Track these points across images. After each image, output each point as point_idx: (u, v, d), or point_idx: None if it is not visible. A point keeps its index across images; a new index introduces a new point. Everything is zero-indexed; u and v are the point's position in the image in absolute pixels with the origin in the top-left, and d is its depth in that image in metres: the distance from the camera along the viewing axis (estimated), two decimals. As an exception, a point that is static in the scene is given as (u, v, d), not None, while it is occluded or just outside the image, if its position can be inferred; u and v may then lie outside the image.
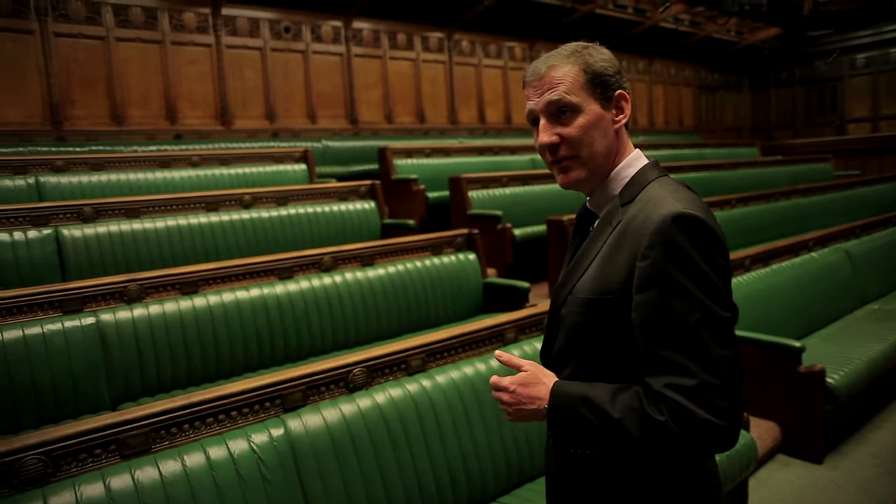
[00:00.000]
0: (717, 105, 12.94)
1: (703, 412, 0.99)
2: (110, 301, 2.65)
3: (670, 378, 1.02)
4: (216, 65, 6.54)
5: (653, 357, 1.04)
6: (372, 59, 7.77)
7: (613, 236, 1.13)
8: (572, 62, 1.16)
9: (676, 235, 1.03)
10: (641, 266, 1.05)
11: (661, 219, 1.05)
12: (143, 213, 3.67)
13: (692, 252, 1.03)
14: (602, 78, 1.16)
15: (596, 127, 1.15)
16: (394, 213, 5.45)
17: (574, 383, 1.14)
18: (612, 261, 1.11)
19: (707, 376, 1.00)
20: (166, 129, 6.19)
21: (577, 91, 1.15)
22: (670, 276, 1.03)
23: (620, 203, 1.16)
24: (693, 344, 1.01)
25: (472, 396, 2.24)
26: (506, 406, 1.17)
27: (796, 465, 3.23)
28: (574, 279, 1.17)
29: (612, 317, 1.10)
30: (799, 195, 7.13)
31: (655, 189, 1.14)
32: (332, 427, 1.93)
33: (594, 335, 1.14)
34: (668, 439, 1.01)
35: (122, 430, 1.66)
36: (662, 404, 1.01)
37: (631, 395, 1.05)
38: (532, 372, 1.17)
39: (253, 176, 4.99)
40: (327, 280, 3.19)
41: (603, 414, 1.05)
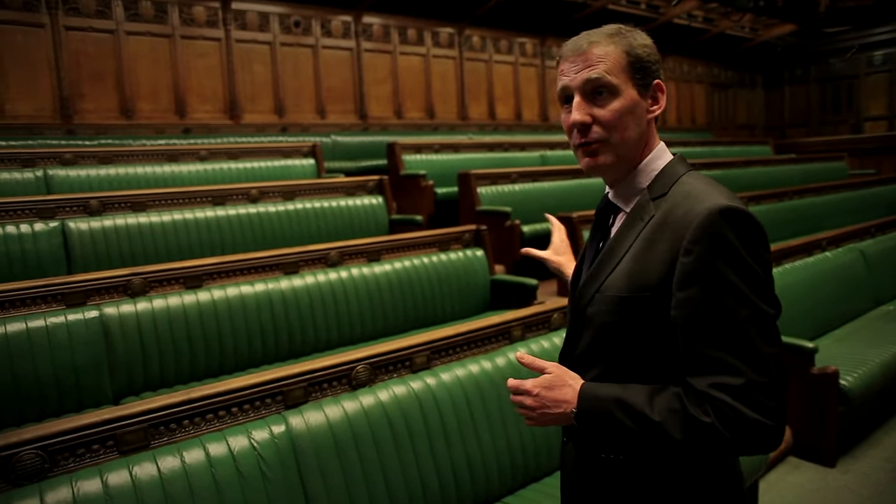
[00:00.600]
0: (729, 103, 12.80)
1: (752, 412, 0.96)
2: (114, 294, 2.64)
3: (716, 378, 0.98)
4: (225, 59, 6.53)
5: (696, 356, 1.00)
6: (382, 54, 7.73)
7: (648, 231, 1.08)
8: (616, 42, 1.11)
9: (723, 229, 0.99)
10: (685, 261, 1.01)
11: (706, 212, 1.00)
12: (150, 207, 3.65)
13: (739, 247, 0.99)
14: (643, 63, 1.11)
15: (631, 112, 1.10)
16: (402, 209, 5.42)
17: (604, 385, 1.09)
18: (648, 256, 1.06)
19: (755, 375, 0.97)
20: (175, 123, 6.19)
21: (618, 73, 1.09)
22: (717, 272, 0.99)
23: (651, 197, 1.11)
24: (740, 342, 0.98)
25: (477, 395, 2.20)
26: (527, 411, 1.12)
27: (807, 468, 3.17)
28: (602, 276, 1.11)
29: (646, 316, 1.06)
30: (812, 194, 7.03)
31: (691, 183, 1.10)
32: (335, 425, 1.90)
33: (626, 335, 1.09)
34: (714, 441, 0.97)
35: (120, 426, 1.64)
36: (708, 405, 0.98)
37: (670, 397, 1.01)
38: (557, 374, 1.12)
39: (261, 170, 4.97)
40: (333, 275, 3.16)
41: (641, 417, 1.01)
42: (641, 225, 1.09)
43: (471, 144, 6.82)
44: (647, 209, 1.10)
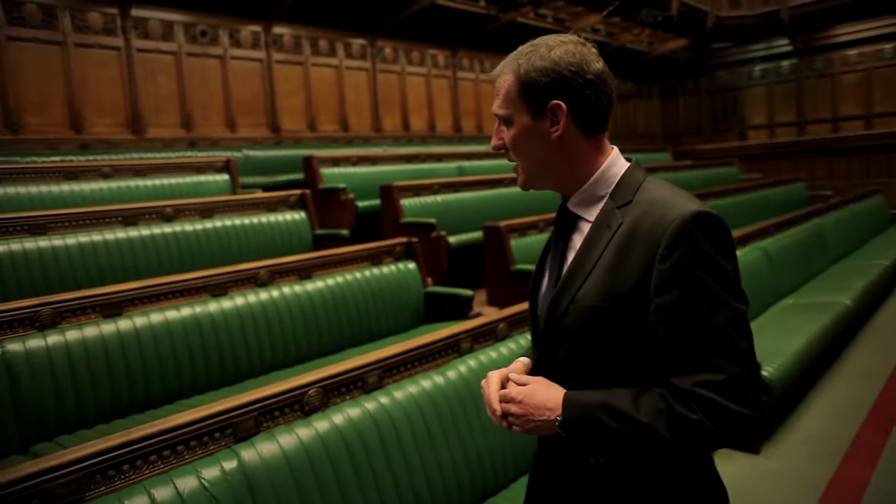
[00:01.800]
0: (630, 112, 13.47)
1: (736, 405, 0.99)
2: (18, 329, 2.35)
3: (699, 376, 1.01)
4: (126, 69, 6.11)
5: (678, 357, 1.03)
6: (293, 65, 7.52)
7: (618, 239, 1.08)
8: (510, 69, 1.15)
9: (697, 235, 1.02)
10: (662, 268, 1.02)
11: (680, 219, 1.02)
12: (51, 229, 3.32)
13: (712, 251, 1.02)
14: (535, 87, 1.11)
15: (527, 138, 1.14)
16: (323, 224, 5.26)
17: (586, 392, 1.09)
18: (621, 265, 1.06)
19: (735, 369, 1.00)
20: (71, 137, 5.70)
21: (510, 102, 1.14)
22: (695, 277, 1.01)
23: (616, 205, 1.11)
24: (719, 341, 1.01)
25: (431, 411, 2.14)
26: (513, 418, 1.14)
27: (737, 457, 3.32)
28: (575, 287, 1.11)
29: (623, 323, 1.07)
30: (715, 197, 7.50)
31: (654, 189, 1.12)
32: (290, 454, 1.78)
33: (604, 343, 1.09)
34: (701, 436, 1.00)
35: (46, 480, 1.44)
36: (694, 402, 1.00)
37: (655, 398, 1.03)
38: (540, 382, 1.14)
39: (172, 187, 4.67)
40: (264, 295, 3.00)
41: (628, 420, 1.03)
42: (610, 233, 1.10)
43: (388, 156, 6.76)
44: (613, 217, 1.11)
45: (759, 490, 3.01)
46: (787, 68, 12.62)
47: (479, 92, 9.84)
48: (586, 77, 1.11)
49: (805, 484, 3.01)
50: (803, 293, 5.21)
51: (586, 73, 1.11)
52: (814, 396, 4.05)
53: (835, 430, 3.55)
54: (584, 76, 1.10)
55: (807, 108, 12.38)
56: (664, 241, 1.02)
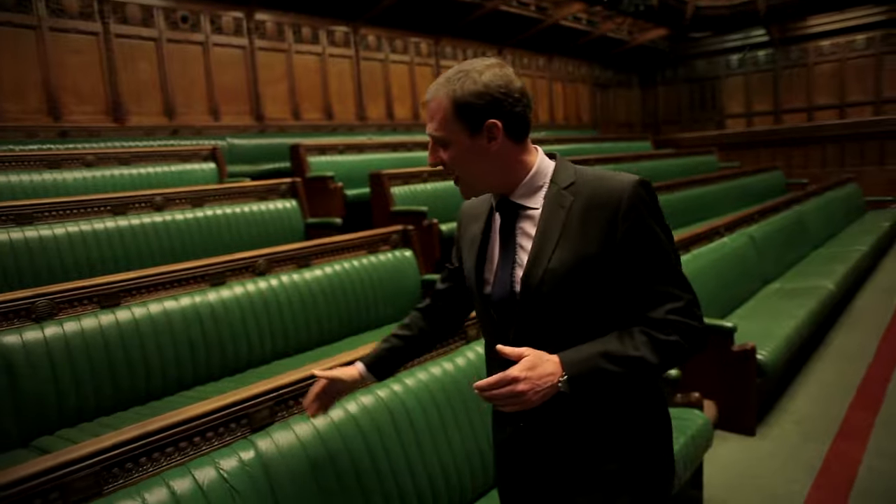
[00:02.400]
0: (610, 101, 13.52)
1: (695, 322, 1.25)
2: (14, 321, 2.28)
3: (667, 305, 1.23)
4: (105, 55, 5.92)
5: (650, 294, 1.24)
6: (276, 52, 7.37)
7: (577, 212, 1.26)
8: (444, 92, 1.25)
9: (645, 196, 1.25)
10: (624, 227, 1.22)
11: (630, 186, 1.24)
12: (38, 219, 3.22)
13: (655, 208, 1.26)
14: (468, 109, 1.23)
15: (466, 155, 1.26)
16: (312, 213, 5.18)
17: (578, 349, 1.24)
18: (586, 231, 1.24)
19: (688, 295, 1.26)
20: (48, 125, 5.52)
21: (446, 124, 1.25)
22: (650, 229, 1.24)
23: (562, 187, 1.29)
24: (674, 275, 1.26)
25: (443, 398, 2.13)
26: (520, 395, 1.19)
27: (733, 439, 3.37)
28: (545, 259, 1.26)
29: (594, 280, 1.24)
30: (698, 185, 7.58)
31: (590, 171, 1.32)
32: (306, 443, 1.75)
33: (579, 302, 1.26)
34: (678, 353, 1.23)
35: (66, 473, 1.40)
36: (669, 327, 1.22)
37: (637, 334, 1.23)
38: (533, 354, 1.22)
39: (157, 176, 4.57)
40: (263, 284, 2.95)
41: (624, 359, 1.21)
42: (564, 210, 1.27)
43: (375, 145, 6.69)
44: (563, 197, 1.28)
45: (755, 470, 3.06)
46: (764, 58, 12.77)
47: (461, 80, 9.76)
48: (514, 96, 1.26)
49: (801, 464, 3.07)
50: (788, 278, 5.30)
51: (513, 92, 1.26)
52: (803, 379, 4.13)
53: (825, 410, 3.63)
54: (512, 95, 1.25)
55: (783, 98, 12.56)
56: (623, 204, 1.22)
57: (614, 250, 1.23)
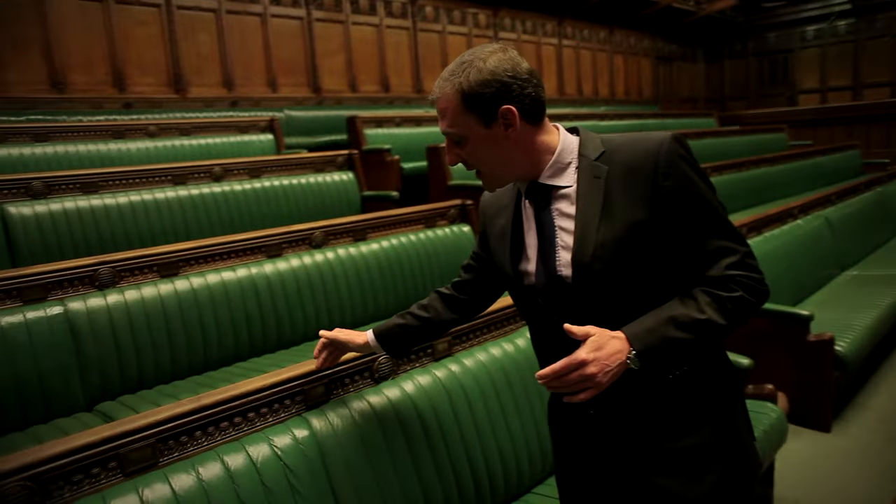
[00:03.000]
0: (673, 76, 12.99)
1: (755, 273, 1.18)
2: (79, 287, 2.31)
3: (725, 260, 1.17)
4: (167, 27, 5.99)
5: (704, 251, 1.18)
6: (334, 23, 7.32)
7: (615, 180, 1.20)
8: (451, 86, 1.19)
9: (682, 151, 1.19)
10: (667, 185, 1.17)
11: (666, 143, 1.18)
12: (102, 188, 3.27)
13: (693, 161, 1.21)
14: (478, 99, 1.18)
15: (485, 146, 1.21)
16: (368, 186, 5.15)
17: (641, 320, 1.17)
18: (627, 198, 1.19)
19: (742, 247, 1.19)
20: (114, 97, 5.64)
21: (458, 119, 1.20)
22: (694, 183, 1.18)
23: (593, 159, 1.23)
24: (724, 227, 1.19)
25: (503, 380, 2.05)
26: (591, 378, 1.11)
27: (806, 435, 3.18)
28: (592, 235, 1.20)
29: (645, 246, 1.18)
30: (766, 164, 7.18)
31: (616, 137, 1.26)
32: (361, 423, 1.70)
33: (635, 272, 1.20)
34: (745, 309, 1.17)
35: (122, 444, 1.38)
36: (731, 283, 1.16)
37: (699, 295, 1.17)
38: (598, 333, 1.15)
39: (217, 147, 4.60)
40: (319, 257, 2.92)
41: (692, 324, 1.14)
42: (601, 181, 1.21)
43: (432, 117, 6.58)
44: (597, 168, 1.22)
45: (830, 470, 2.88)
46: (844, 28, 11.97)
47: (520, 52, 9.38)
48: (522, 77, 1.20)
49: (882, 466, 2.87)
50: (868, 265, 4.96)
51: (521, 73, 1.20)
52: (885, 374, 3.86)
53: (910, 409, 3.38)
54: (521, 77, 1.20)
55: (864, 72, 11.76)
56: (661, 163, 1.17)
57: (660, 211, 1.17)
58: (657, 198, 1.17)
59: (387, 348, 1.63)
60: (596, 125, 8.04)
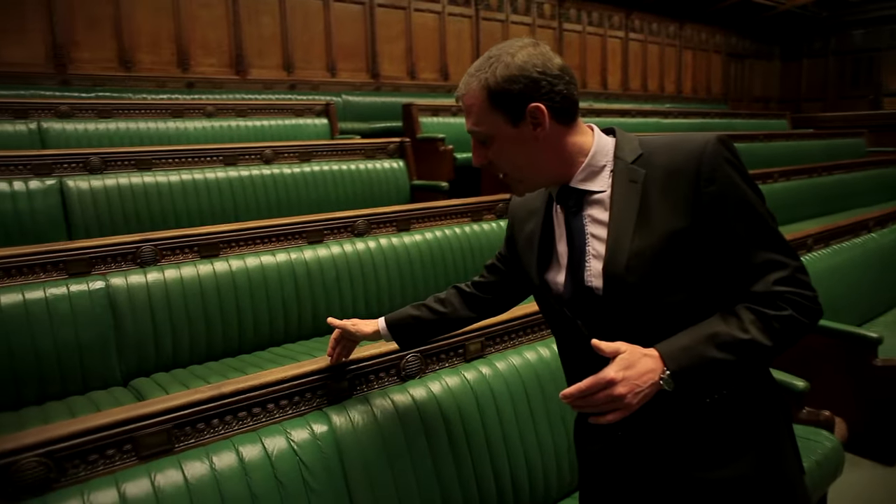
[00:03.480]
0: (745, 74, 12.41)
1: (806, 291, 1.08)
2: (122, 263, 2.35)
3: (772, 275, 1.07)
4: (231, 8, 6.09)
5: (750, 264, 1.08)
6: (395, 9, 7.29)
7: (652, 185, 1.12)
8: (476, 83, 1.13)
9: (728, 154, 1.10)
10: (711, 190, 1.08)
11: (710, 145, 1.09)
12: (156, 166, 3.34)
13: (740, 164, 1.11)
14: (505, 96, 1.11)
15: (513, 147, 1.14)
16: (419, 175, 5.10)
17: (677, 338, 1.07)
18: (666, 204, 1.10)
19: (793, 261, 1.09)
20: (178, 76, 5.78)
21: (485, 117, 1.13)
22: (741, 188, 1.09)
23: (629, 162, 1.15)
24: (773, 238, 1.09)
25: (535, 386, 1.96)
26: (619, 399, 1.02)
27: (865, 466, 2.97)
28: (626, 244, 1.11)
29: (684, 257, 1.10)
30: (841, 171, 6.77)
31: (655, 138, 1.18)
32: (383, 422, 1.65)
33: (670, 287, 1.11)
34: (794, 329, 1.06)
35: (139, 427, 1.38)
36: (778, 301, 1.06)
37: (742, 312, 1.07)
38: (629, 350, 1.05)
39: (271, 129, 4.65)
40: (360, 245, 2.89)
41: (734, 344, 1.04)
42: (638, 186, 1.13)
43: (489, 108, 6.48)
44: (633, 172, 1.14)
45: (889, 504, 2.67)
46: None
47: (585, 45, 9.27)
48: (553, 73, 1.12)
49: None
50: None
51: (552, 69, 1.12)
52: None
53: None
54: (552, 73, 1.12)
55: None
56: (703, 167, 1.08)
57: (702, 219, 1.09)
58: (699, 204, 1.08)
59: (397, 339, 1.57)
60: (659, 122, 7.75)
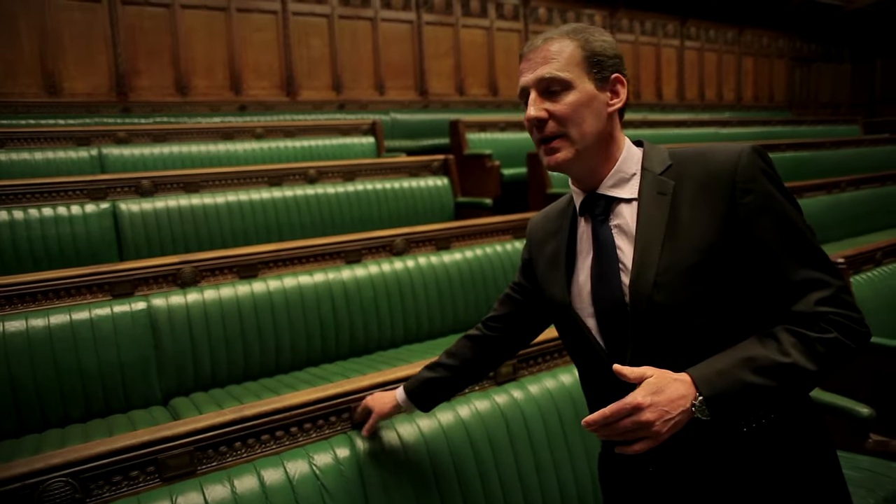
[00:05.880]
0: (812, 78, 11.88)
1: (852, 312, 1.01)
2: (163, 284, 2.41)
3: (814, 294, 1.01)
4: (282, 33, 6.28)
5: (790, 283, 1.02)
6: (443, 26, 7.34)
7: (683, 197, 1.07)
8: (570, 38, 1.12)
9: (763, 166, 1.06)
10: (747, 201, 1.04)
11: (746, 156, 1.05)
12: (203, 188, 3.44)
13: (777, 176, 1.06)
14: (599, 57, 1.12)
15: (587, 106, 1.11)
16: (466, 191, 5.08)
17: (711, 361, 1.01)
18: (697, 218, 1.06)
19: (836, 280, 1.03)
20: (231, 100, 5.99)
21: (571, 68, 1.11)
22: (778, 201, 1.04)
23: (658, 173, 1.12)
24: (815, 255, 1.03)
25: (570, 411, 1.88)
26: (647, 426, 0.96)
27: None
28: (653, 260, 1.06)
29: (719, 273, 1.04)
30: (918, 178, 6.34)
31: (686, 150, 1.14)
32: (409, 447, 1.61)
33: (704, 305, 1.05)
34: (840, 353, 1.00)
35: (162, 449, 1.39)
36: (822, 322, 0.99)
37: (783, 335, 1.00)
38: (658, 374, 0.99)
39: (319, 149, 4.72)
40: (399, 265, 2.87)
41: (774, 368, 0.98)
42: (668, 198, 1.09)
43: (537, 123, 6.41)
44: (662, 183, 1.10)
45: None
46: None
47: (637, 55, 9.09)
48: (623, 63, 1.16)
49: None
50: None
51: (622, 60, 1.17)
52: None
53: None
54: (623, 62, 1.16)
55: None
56: (738, 178, 1.04)
57: (737, 233, 1.04)
58: (733, 217, 1.03)
59: (419, 404, 1.52)
60: (717, 132, 7.49)
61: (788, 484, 1.05)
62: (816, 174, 6.10)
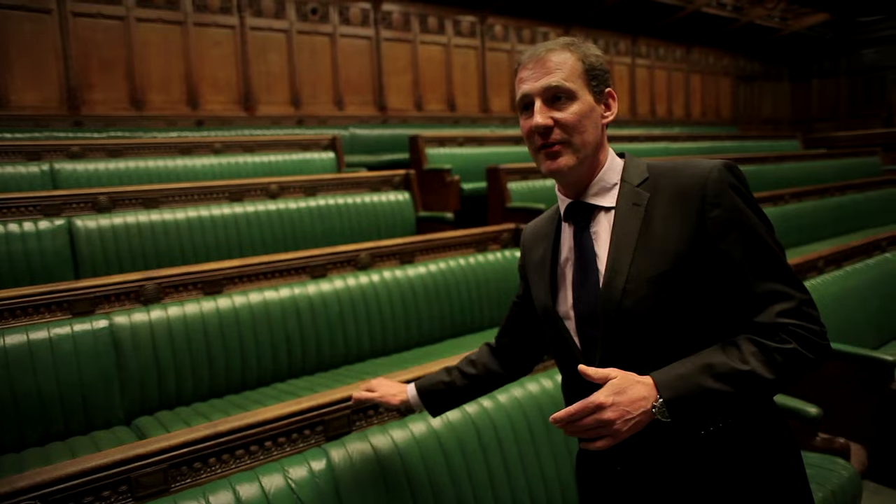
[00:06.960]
0: (755, 96, 12.42)
1: (813, 325, 1.05)
2: (125, 302, 2.37)
3: (777, 306, 1.05)
4: (240, 47, 6.24)
5: (754, 294, 1.07)
6: (402, 43, 7.42)
7: (655, 209, 1.13)
8: (571, 51, 1.17)
9: (734, 181, 1.10)
10: (715, 214, 1.08)
11: (716, 171, 1.10)
12: (162, 203, 3.38)
13: (747, 192, 1.11)
14: (596, 71, 1.18)
15: (588, 116, 1.16)
16: (426, 206, 5.12)
17: (671, 368, 1.06)
18: (668, 229, 1.10)
19: (799, 293, 1.07)
20: (187, 114, 5.90)
21: (574, 79, 1.15)
22: (746, 215, 1.08)
23: (635, 185, 1.17)
24: (779, 269, 1.08)
25: (538, 418, 1.93)
26: (608, 425, 1.01)
27: (887, 495, 2.87)
28: (624, 267, 1.11)
29: (684, 283, 1.09)
30: (854, 190, 6.70)
31: (662, 164, 1.20)
32: (383, 458, 1.63)
33: (669, 312, 1.09)
34: (798, 363, 1.04)
35: (135, 467, 1.37)
36: (782, 333, 1.04)
37: (744, 343, 1.05)
38: (621, 376, 1.05)
39: (278, 164, 4.70)
40: (364, 279, 2.89)
41: (732, 375, 1.03)
42: (641, 209, 1.14)
43: (495, 138, 6.52)
44: (637, 195, 1.16)
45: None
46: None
47: (590, 72, 9.32)
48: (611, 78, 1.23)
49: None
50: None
51: None
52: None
53: None
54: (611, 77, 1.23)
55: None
56: (708, 192, 1.09)
57: (705, 244, 1.08)
58: (702, 229, 1.08)
59: (429, 406, 1.51)
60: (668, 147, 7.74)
61: (751, 484, 1.11)
62: (762, 187, 6.38)
